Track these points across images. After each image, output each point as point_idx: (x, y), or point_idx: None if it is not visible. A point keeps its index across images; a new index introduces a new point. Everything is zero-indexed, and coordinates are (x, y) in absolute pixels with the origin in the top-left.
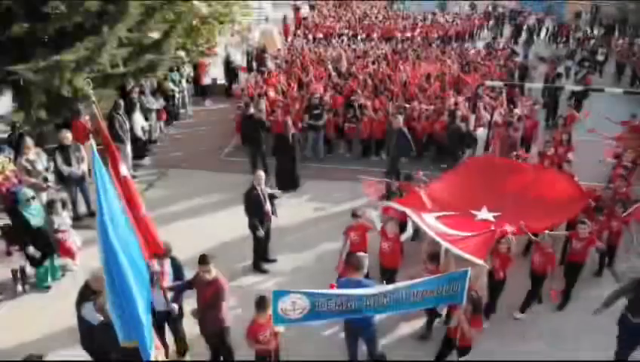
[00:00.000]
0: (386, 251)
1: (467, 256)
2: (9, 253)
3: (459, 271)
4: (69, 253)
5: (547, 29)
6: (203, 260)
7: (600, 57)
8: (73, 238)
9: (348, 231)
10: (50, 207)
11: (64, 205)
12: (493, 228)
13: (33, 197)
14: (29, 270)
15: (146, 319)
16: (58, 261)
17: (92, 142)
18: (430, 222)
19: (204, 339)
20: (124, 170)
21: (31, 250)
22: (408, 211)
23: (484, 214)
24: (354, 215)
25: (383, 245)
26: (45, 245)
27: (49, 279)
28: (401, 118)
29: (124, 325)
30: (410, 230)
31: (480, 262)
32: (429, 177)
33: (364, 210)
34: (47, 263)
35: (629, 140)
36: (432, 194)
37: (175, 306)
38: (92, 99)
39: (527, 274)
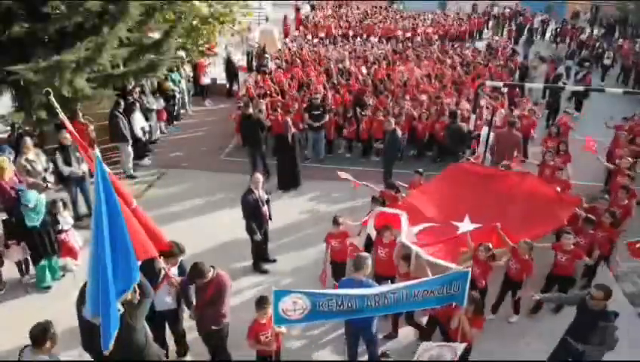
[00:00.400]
0: (383, 258)
1: (437, 260)
2: (7, 246)
3: (460, 272)
4: (71, 253)
5: (552, 31)
6: (200, 274)
7: (606, 61)
8: (75, 238)
9: (328, 238)
10: (52, 207)
11: (65, 205)
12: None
13: (34, 207)
14: (31, 269)
15: (113, 313)
16: (59, 261)
17: (96, 150)
18: (412, 233)
19: (202, 339)
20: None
21: (24, 246)
22: (403, 214)
23: (466, 226)
24: (335, 222)
25: (380, 252)
26: (39, 245)
27: (48, 279)
28: (392, 121)
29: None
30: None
31: (453, 266)
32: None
33: (345, 217)
34: (44, 262)
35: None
36: (414, 204)
37: (192, 307)
38: (55, 106)
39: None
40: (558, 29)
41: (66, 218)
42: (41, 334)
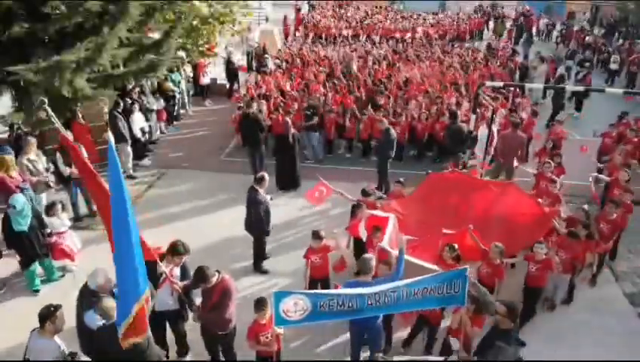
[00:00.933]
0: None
1: (416, 261)
2: None
3: (458, 269)
4: (64, 255)
5: (557, 32)
6: (204, 279)
7: (613, 65)
8: (72, 239)
9: (309, 253)
10: (50, 209)
11: (63, 207)
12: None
13: (21, 211)
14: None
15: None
16: (57, 262)
17: (109, 134)
18: (394, 238)
19: (205, 342)
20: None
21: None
22: (391, 217)
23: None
24: (316, 236)
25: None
26: (29, 249)
27: (37, 282)
28: (386, 121)
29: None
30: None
31: (434, 267)
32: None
33: (333, 231)
34: (32, 267)
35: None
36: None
37: (194, 307)
38: (51, 115)
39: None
40: (563, 31)
41: (63, 220)
42: (43, 314)
